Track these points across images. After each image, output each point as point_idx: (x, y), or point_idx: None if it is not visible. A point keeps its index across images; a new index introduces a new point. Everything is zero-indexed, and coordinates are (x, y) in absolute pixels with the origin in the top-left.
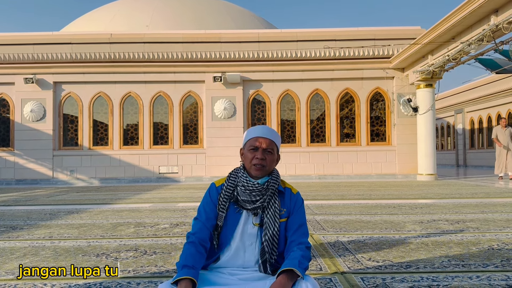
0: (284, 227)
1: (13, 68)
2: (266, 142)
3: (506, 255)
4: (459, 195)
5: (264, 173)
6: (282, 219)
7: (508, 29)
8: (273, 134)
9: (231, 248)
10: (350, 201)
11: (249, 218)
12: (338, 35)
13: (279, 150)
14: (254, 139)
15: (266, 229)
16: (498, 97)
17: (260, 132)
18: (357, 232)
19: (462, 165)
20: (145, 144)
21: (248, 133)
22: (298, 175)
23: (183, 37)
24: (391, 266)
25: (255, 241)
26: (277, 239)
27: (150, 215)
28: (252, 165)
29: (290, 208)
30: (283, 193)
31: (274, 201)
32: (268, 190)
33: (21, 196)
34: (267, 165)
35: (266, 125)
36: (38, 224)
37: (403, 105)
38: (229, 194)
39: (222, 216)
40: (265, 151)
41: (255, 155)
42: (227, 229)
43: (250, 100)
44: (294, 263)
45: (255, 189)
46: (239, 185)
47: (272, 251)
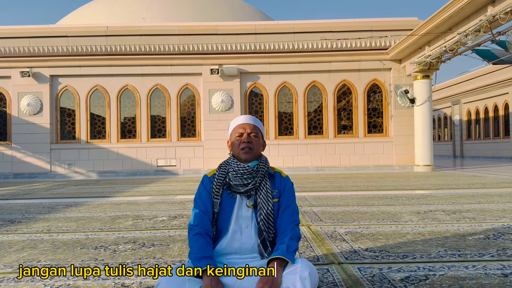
0: (277, 207)
1: (9, 61)
2: (250, 127)
3: (502, 244)
4: (455, 185)
5: (252, 155)
6: (274, 199)
7: (505, 19)
8: (256, 120)
9: (228, 232)
10: (347, 192)
11: (242, 201)
12: (335, 26)
13: (263, 137)
14: (238, 127)
15: (260, 209)
16: (495, 88)
17: (243, 119)
18: (354, 223)
19: (459, 156)
20: (142, 137)
21: (232, 124)
22: (296, 167)
23: (179, 30)
24: (388, 256)
25: (251, 223)
26: (272, 218)
27: (148, 208)
28: (240, 149)
29: (280, 189)
30: (273, 176)
31: (265, 182)
32: (259, 172)
33: (19, 190)
34: (254, 147)
35: (248, 114)
36: (36, 217)
37: (400, 96)
38: (221, 180)
39: (217, 203)
40: (250, 135)
41: (241, 140)
42: (223, 215)
43: (248, 93)
44: (282, 250)
45: (246, 172)
46: (230, 171)
47: (268, 229)
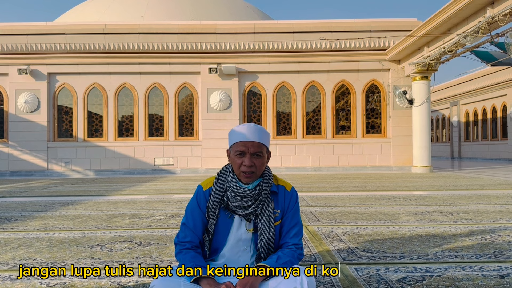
0: (279, 228)
1: (6, 58)
2: (254, 146)
3: (499, 246)
4: (453, 187)
5: (254, 179)
6: (276, 222)
7: (504, 21)
8: (261, 134)
9: (225, 253)
10: (345, 192)
11: (241, 223)
12: (334, 26)
13: (269, 147)
14: (240, 144)
15: (261, 235)
16: (493, 90)
17: (246, 135)
18: (352, 224)
19: (456, 157)
20: (140, 135)
21: (233, 135)
22: (294, 167)
23: (178, 28)
24: (385, 256)
25: (250, 245)
26: (273, 243)
27: (145, 207)
28: (241, 172)
29: (284, 207)
30: (276, 193)
31: (267, 205)
32: (261, 195)
33: (16, 188)
34: (256, 170)
35: (252, 123)
36: (33, 215)
37: (398, 97)
38: (219, 200)
39: (212, 223)
40: (253, 156)
41: (242, 162)
42: (219, 236)
43: (246, 92)
44: (272, 261)
45: (246, 195)
46: (229, 190)
47: (268, 255)
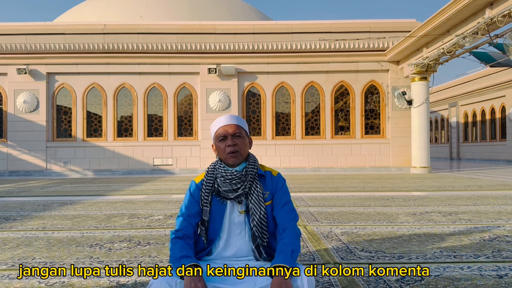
0: (270, 209)
1: (5, 58)
2: (233, 128)
3: (497, 246)
4: (452, 187)
5: (239, 158)
6: (266, 203)
7: (503, 22)
8: (238, 118)
9: (222, 239)
10: (344, 193)
11: (234, 207)
12: (333, 27)
13: (248, 134)
14: (220, 129)
15: (252, 215)
16: (492, 91)
17: (224, 120)
18: (351, 224)
19: (455, 158)
20: (139, 136)
21: (213, 126)
22: (293, 168)
23: (177, 28)
24: (383, 256)
25: (244, 228)
26: (265, 222)
27: (144, 207)
28: (226, 154)
29: (272, 189)
30: (264, 177)
31: (255, 185)
32: (248, 176)
33: (14, 188)
34: (240, 149)
35: (229, 114)
36: (32, 215)
37: (397, 98)
38: (210, 187)
39: (207, 211)
40: (234, 136)
41: (226, 144)
42: (214, 222)
43: (245, 92)
44: (286, 256)
45: (234, 177)
46: (218, 176)
47: (262, 234)
